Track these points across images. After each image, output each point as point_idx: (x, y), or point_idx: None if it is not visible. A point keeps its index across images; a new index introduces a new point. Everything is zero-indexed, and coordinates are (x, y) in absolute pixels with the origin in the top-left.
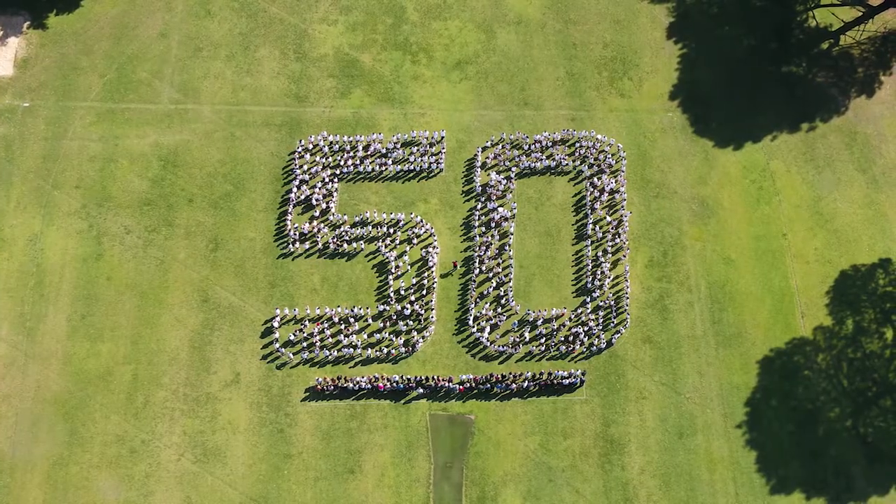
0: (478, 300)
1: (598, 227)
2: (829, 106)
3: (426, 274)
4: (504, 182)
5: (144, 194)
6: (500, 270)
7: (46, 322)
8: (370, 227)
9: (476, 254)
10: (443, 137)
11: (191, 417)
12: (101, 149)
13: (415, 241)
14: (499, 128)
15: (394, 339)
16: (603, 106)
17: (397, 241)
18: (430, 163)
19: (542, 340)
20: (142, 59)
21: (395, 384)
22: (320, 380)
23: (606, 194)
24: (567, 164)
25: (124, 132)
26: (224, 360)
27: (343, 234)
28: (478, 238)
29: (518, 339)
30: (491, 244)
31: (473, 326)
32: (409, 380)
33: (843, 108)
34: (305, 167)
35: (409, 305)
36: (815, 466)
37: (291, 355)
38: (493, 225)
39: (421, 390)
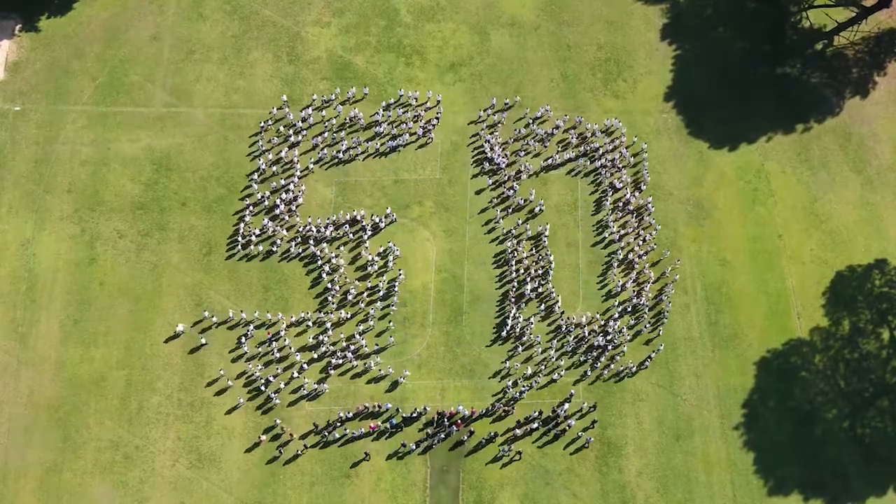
0: (520, 304)
1: (616, 230)
2: (824, 107)
3: (410, 280)
4: (506, 161)
5: (137, 198)
6: (539, 269)
7: (39, 327)
8: (349, 229)
9: (508, 248)
10: (438, 101)
11: (185, 423)
12: (94, 153)
13: (400, 247)
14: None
15: (378, 358)
16: (597, 107)
17: (379, 244)
18: (418, 133)
19: (553, 352)
20: (134, 62)
21: (388, 428)
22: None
23: (629, 193)
24: (582, 164)
25: (116, 136)
26: (218, 365)
27: (323, 235)
28: (504, 231)
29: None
30: (521, 237)
31: (514, 341)
32: (404, 417)
33: (837, 109)
34: (276, 150)
35: (392, 312)
36: (812, 467)
37: (230, 381)
38: (512, 210)
39: (414, 447)
